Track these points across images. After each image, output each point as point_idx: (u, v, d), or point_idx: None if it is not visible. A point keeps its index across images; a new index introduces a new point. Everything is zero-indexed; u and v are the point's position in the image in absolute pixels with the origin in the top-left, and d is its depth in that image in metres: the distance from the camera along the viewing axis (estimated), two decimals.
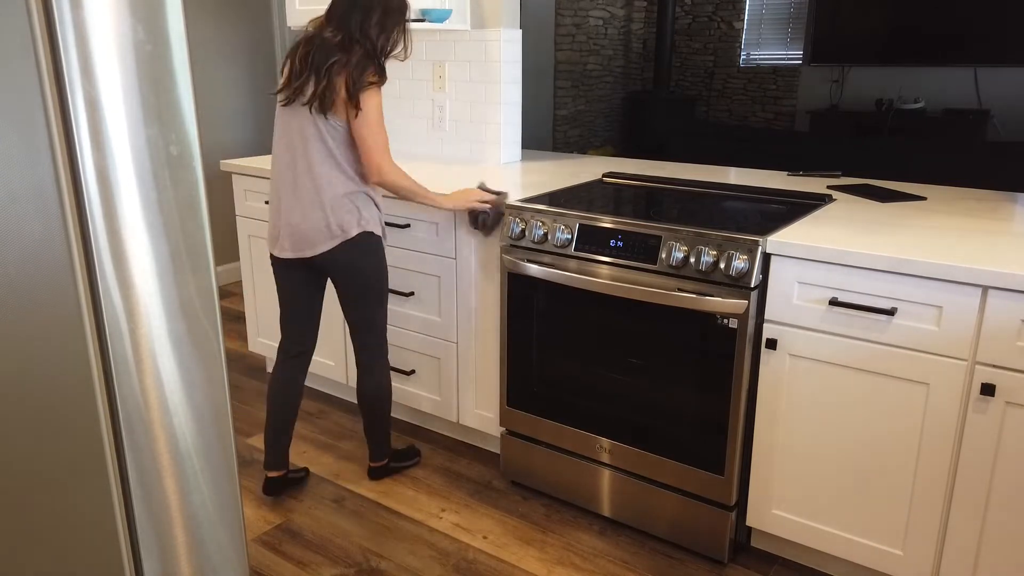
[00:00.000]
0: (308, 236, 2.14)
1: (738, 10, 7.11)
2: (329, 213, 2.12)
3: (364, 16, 2.05)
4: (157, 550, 1.02)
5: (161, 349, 0.97)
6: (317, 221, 2.13)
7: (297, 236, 2.16)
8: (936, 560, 1.85)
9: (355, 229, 2.15)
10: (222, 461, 1.08)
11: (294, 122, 2.12)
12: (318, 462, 2.65)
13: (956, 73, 5.99)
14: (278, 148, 2.18)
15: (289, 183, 2.15)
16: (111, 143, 0.89)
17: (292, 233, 2.17)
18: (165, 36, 0.92)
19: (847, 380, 1.87)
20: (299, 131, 2.12)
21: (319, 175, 2.11)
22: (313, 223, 2.13)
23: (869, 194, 2.44)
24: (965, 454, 1.76)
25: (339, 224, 2.13)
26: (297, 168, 2.13)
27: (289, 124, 2.14)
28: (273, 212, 2.22)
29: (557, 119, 6.68)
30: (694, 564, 2.14)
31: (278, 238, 2.21)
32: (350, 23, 2.05)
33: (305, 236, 2.15)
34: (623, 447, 2.23)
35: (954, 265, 1.68)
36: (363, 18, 2.05)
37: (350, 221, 2.14)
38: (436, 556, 2.18)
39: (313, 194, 2.12)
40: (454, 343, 2.60)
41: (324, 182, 2.12)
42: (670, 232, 2.04)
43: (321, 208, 2.12)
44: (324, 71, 2.02)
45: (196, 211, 0.98)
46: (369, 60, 2.05)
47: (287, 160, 2.15)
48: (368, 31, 2.05)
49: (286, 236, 2.18)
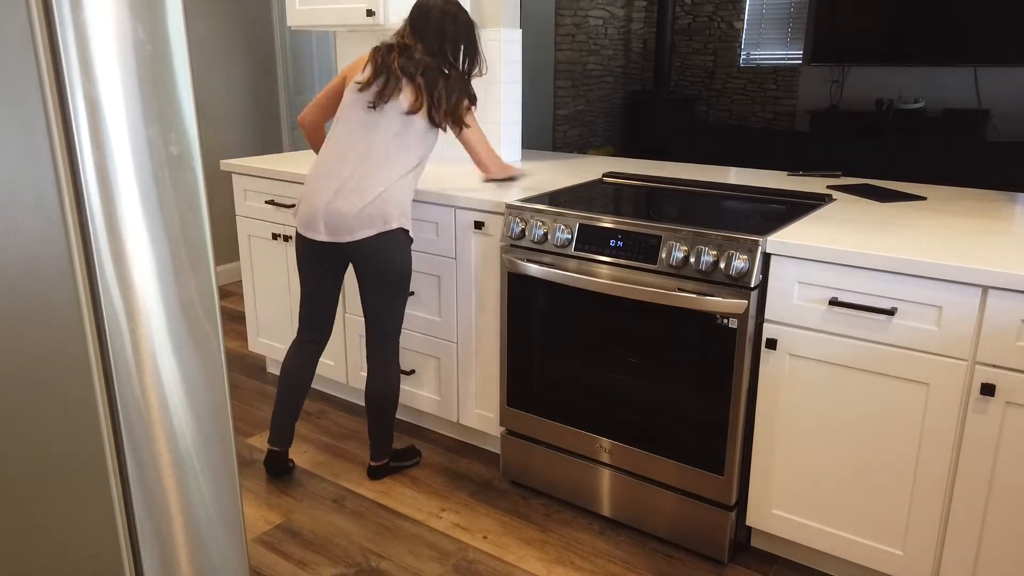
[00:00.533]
0: (349, 223, 2.22)
1: (738, 10, 7.11)
2: (381, 204, 2.23)
3: (454, 46, 2.30)
4: (157, 550, 1.02)
5: (161, 349, 0.98)
6: (364, 209, 2.22)
7: (337, 221, 2.23)
8: (936, 560, 1.85)
9: (395, 223, 2.25)
10: (222, 461, 1.08)
11: (372, 120, 2.26)
12: (318, 462, 2.65)
13: (956, 73, 5.99)
14: (342, 137, 2.29)
15: (346, 173, 2.25)
16: (111, 143, 0.89)
17: (331, 218, 2.23)
18: (165, 36, 0.92)
19: (847, 380, 1.87)
20: (376, 128, 2.26)
21: (385, 175, 2.25)
22: (359, 210, 2.22)
23: (869, 194, 2.44)
24: (965, 454, 1.76)
25: (383, 215, 2.23)
26: (364, 160, 2.25)
27: (365, 120, 2.27)
28: (313, 196, 2.27)
29: (557, 119, 6.68)
30: (694, 564, 2.15)
31: (314, 222, 2.26)
32: (444, 50, 2.28)
33: (346, 222, 2.23)
34: (623, 447, 2.23)
35: (954, 265, 1.68)
36: (454, 48, 2.30)
37: (393, 214, 2.25)
38: (436, 556, 2.18)
39: (373, 186, 2.23)
40: (454, 343, 2.60)
41: (390, 178, 2.25)
42: (670, 232, 2.04)
43: (374, 200, 2.22)
44: (436, 93, 2.25)
45: (196, 211, 0.98)
46: (466, 84, 2.32)
47: (354, 151, 2.26)
48: (459, 58, 2.32)
49: (322, 221, 2.25)
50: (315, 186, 2.28)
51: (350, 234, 2.23)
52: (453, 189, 2.50)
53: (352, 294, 2.82)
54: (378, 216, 2.23)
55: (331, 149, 2.30)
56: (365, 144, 2.26)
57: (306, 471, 2.60)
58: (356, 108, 2.28)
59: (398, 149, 2.26)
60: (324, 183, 2.26)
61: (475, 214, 2.42)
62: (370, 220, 2.22)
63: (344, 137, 2.28)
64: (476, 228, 2.43)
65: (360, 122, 2.28)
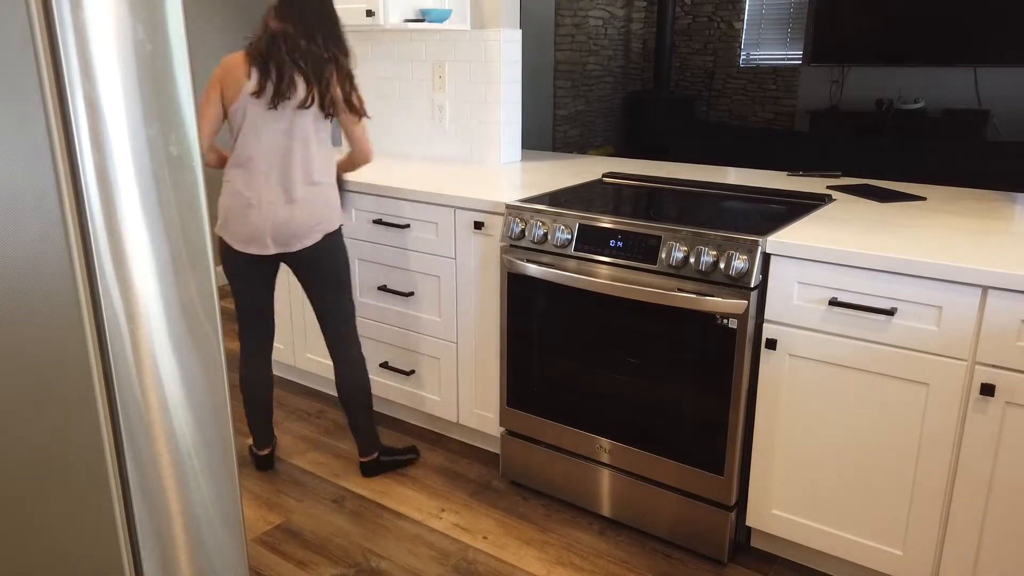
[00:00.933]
0: (297, 231, 2.24)
1: (738, 10, 7.11)
2: (322, 207, 2.26)
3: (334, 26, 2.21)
4: (157, 550, 1.02)
5: (161, 349, 0.97)
6: (309, 215, 2.24)
7: (285, 232, 2.23)
8: (936, 560, 1.85)
9: (337, 222, 2.33)
10: (222, 461, 1.08)
11: (281, 124, 2.18)
12: (318, 462, 2.65)
13: (956, 73, 5.99)
14: (261, 149, 2.19)
15: (274, 182, 2.21)
16: (111, 143, 0.89)
17: (280, 231, 2.23)
18: (165, 36, 0.92)
19: (847, 380, 1.87)
20: (291, 132, 2.20)
21: (317, 172, 2.25)
22: (305, 218, 2.23)
23: (869, 194, 2.44)
24: (965, 454, 1.76)
25: (327, 218, 2.28)
26: (289, 167, 2.21)
27: (274, 126, 2.18)
28: (252, 212, 2.21)
29: (557, 119, 6.68)
30: (694, 564, 2.15)
31: (260, 237, 2.23)
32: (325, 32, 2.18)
33: (294, 231, 2.23)
34: (623, 447, 2.23)
35: (954, 265, 1.68)
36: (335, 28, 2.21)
37: (335, 215, 2.31)
38: (436, 556, 2.18)
39: (308, 190, 2.23)
40: (454, 343, 2.60)
41: (320, 178, 2.26)
42: (670, 232, 2.04)
43: (314, 203, 2.24)
44: (325, 81, 2.17)
45: (196, 211, 0.98)
46: (350, 70, 2.25)
47: (274, 160, 2.20)
48: (340, 42, 2.22)
49: (270, 235, 2.23)
50: (249, 202, 2.20)
51: (300, 242, 2.25)
52: (453, 189, 2.51)
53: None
54: (324, 219, 2.26)
55: (254, 162, 2.20)
56: (286, 150, 2.19)
57: (306, 471, 2.60)
58: (262, 116, 2.17)
59: (318, 145, 2.24)
60: (262, 197, 2.20)
61: (475, 214, 2.42)
62: (318, 224, 2.25)
63: (264, 148, 2.19)
64: (476, 228, 2.43)
65: (272, 130, 2.18)
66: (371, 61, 3.31)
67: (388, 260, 2.69)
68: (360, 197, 2.70)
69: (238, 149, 2.21)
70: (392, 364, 2.80)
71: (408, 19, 2.82)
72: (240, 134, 2.20)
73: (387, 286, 2.72)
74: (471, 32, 2.97)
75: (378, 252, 2.71)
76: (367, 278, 2.78)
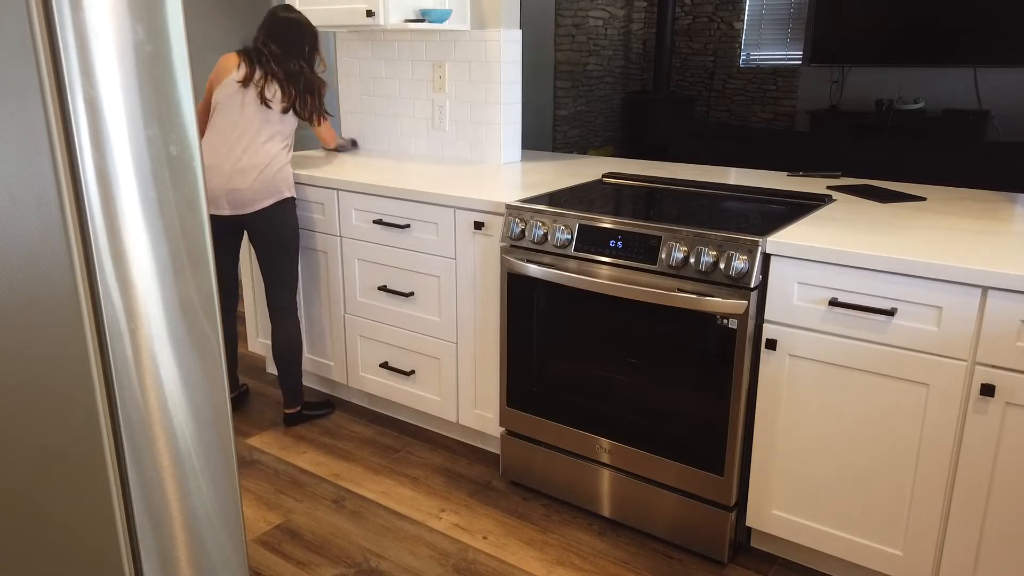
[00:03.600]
0: (248, 197, 2.63)
1: (738, 10, 7.11)
2: (270, 179, 2.65)
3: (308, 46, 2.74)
4: (157, 550, 1.02)
5: (161, 349, 0.97)
6: (259, 185, 2.63)
7: (238, 197, 2.63)
8: (936, 560, 1.85)
9: (287, 192, 2.71)
10: (222, 461, 1.08)
11: (248, 109, 2.64)
12: (318, 462, 2.65)
13: (956, 73, 5.99)
14: (224, 124, 2.65)
15: (234, 155, 2.63)
16: (111, 143, 0.89)
17: (233, 195, 2.62)
18: (165, 36, 0.92)
19: (847, 380, 1.87)
20: (253, 118, 2.65)
21: (267, 152, 2.66)
22: (256, 186, 2.63)
23: (869, 194, 2.44)
24: (965, 454, 1.76)
25: (275, 187, 2.67)
26: (246, 144, 2.64)
27: (243, 110, 2.64)
28: (212, 178, 2.64)
29: (557, 119, 6.68)
30: (694, 564, 2.14)
31: (217, 199, 2.65)
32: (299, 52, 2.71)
33: (246, 197, 2.63)
34: (623, 447, 2.23)
35: (954, 265, 1.68)
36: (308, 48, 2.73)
37: (284, 186, 2.70)
38: (436, 556, 2.18)
39: (259, 165, 2.64)
40: (454, 343, 2.60)
41: (269, 158, 2.66)
42: (670, 232, 2.04)
43: (263, 177, 2.64)
44: (300, 90, 2.70)
45: (196, 211, 0.98)
46: (319, 82, 2.77)
47: (234, 137, 2.64)
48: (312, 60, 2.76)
49: (225, 198, 2.63)
50: (211, 171, 2.63)
51: (251, 205, 2.65)
52: (453, 189, 2.51)
53: (352, 300, 2.82)
54: (273, 188, 2.66)
55: (217, 136, 2.65)
56: (242, 128, 2.64)
57: (306, 471, 2.60)
58: (232, 99, 2.64)
59: (279, 138, 2.69)
60: (220, 165, 2.61)
61: (475, 214, 2.42)
62: (266, 191, 2.64)
63: (226, 124, 2.64)
64: (476, 228, 2.43)
65: (236, 110, 2.65)
66: (371, 61, 3.31)
67: (388, 260, 2.69)
68: (360, 197, 2.70)
69: (210, 125, 2.69)
70: (392, 364, 2.80)
71: (408, 19, 2.82)
72: (216, 110, 2.67)
73: (387, 286, 2.73)
74: (471, 32, 2.97)
75: (378, 252, 2.71)
76: (367, 278, 2.78)
